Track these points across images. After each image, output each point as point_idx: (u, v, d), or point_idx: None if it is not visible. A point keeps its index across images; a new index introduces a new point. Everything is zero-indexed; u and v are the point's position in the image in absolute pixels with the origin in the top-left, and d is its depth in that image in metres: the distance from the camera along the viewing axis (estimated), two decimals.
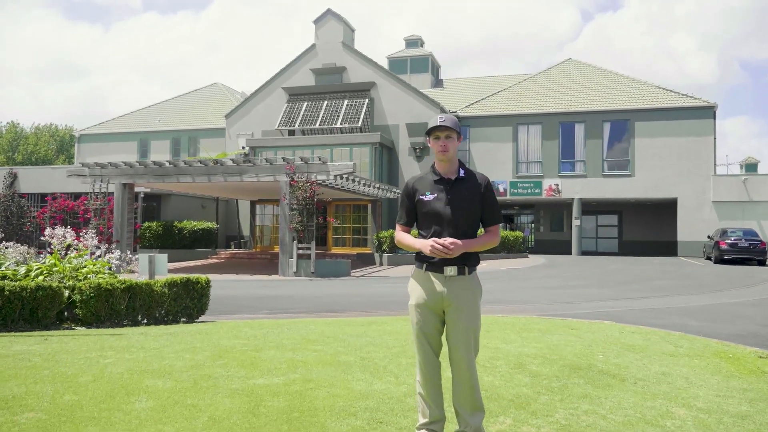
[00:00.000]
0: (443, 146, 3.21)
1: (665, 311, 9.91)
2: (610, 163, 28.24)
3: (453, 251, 3.02)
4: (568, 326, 7.51)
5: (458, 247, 3.04)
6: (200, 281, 8.16)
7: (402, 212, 3.33)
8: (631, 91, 29.11)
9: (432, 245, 3.03)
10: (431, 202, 3.17)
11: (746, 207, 26.41)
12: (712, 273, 18.42)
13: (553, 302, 10.98)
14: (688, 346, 6.42)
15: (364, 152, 25.83)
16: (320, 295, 12.74)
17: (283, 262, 18.29)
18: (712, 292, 13.18)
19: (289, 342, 5.91)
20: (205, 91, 39.97)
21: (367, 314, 9.19)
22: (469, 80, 38.53)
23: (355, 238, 26.32)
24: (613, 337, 6.82)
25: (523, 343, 6.15)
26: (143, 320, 7.85)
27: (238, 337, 6.23)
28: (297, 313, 9.60)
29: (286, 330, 6.80)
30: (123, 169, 20.25)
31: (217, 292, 12.66)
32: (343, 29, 29.03)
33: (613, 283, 15.06)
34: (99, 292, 7.46)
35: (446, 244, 3.01)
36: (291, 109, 29.02)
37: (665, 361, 5.68)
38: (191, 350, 5.40)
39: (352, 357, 5.23)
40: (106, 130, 37.19)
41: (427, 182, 3.25)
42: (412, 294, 3.25)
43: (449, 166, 3.25)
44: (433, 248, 3.02)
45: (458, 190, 3.18)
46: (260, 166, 18.55)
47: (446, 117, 3.24)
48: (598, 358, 5.66)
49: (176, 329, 6.93)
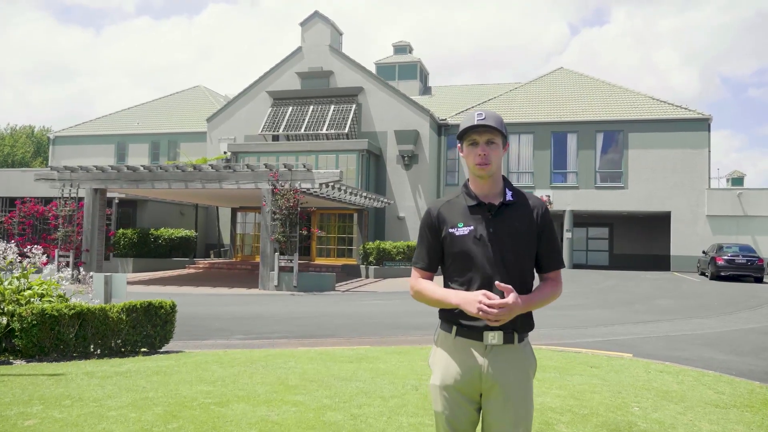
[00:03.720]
0: (483, 157, 2.21)
1: (681, 339, 9.03)
2: (602, 175, 27.54)
3: (508, 316, 2.07)
4: (587, 363, 6.58)
5: (518, 308, 2.08)
6: (164, 306, 7.10)
7: (422, 251, 2.33)
8: (625, 102, 28.48)
9: (481, 307, 2.05)
10: (466, 239, 2.19)
11: (741, 221, 25.83)
12: (713, 291, 17.67)
13: (558, 327, 10.07)
14: (730, 393, 5.51)
15: (350, 159, 24.83)
16: (303, 314, 11.70)
17: (263, 274, 17.20)
18: (720, 314, 12.37)
19: (263, 389, 4.89)
20: (187, 93, 38.67)
21: (355, 342, 8.18)
22: (458, 88, 37.73)
23: (340, 249, 25.27)
24: (641, 379, 5.90)
25: (543, 390, 5.20)
26: (96, 351, 6.77)
27: (202, 380, 5.19)
28: (276, 339, 8.56)
29: (261, 368, 5.77)
30: (95, 174, 19.06)
31: (190, 309, 11.59)
32: (330, 32, 28.07)
33: (615, 303, 14.20)
34: (43, 319, 6.39)
35: (505, 305, 2.04)
36: (275, 113, 27.96)
37: (712, 415, 4.76)
38: (141, 404, 4.36)
39: (340, 415, 4.22)
40: (82, 132, 35.72)
41: (458, 209, 2.26)
42: (435, 369, 2.27)
43: (491, 185, 2.27)
44: (483, 311, 2.05)
45: (505, 220, 2.21)
46: (241, 173, 17.49)
47: (487, 113, 2.23)
48: (635, 412, 4.72)
49: (131, 366, 5.87)
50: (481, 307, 2.04)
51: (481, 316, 2.06)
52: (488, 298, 2.05)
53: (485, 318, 2.05)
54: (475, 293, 2.09)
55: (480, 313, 2.05)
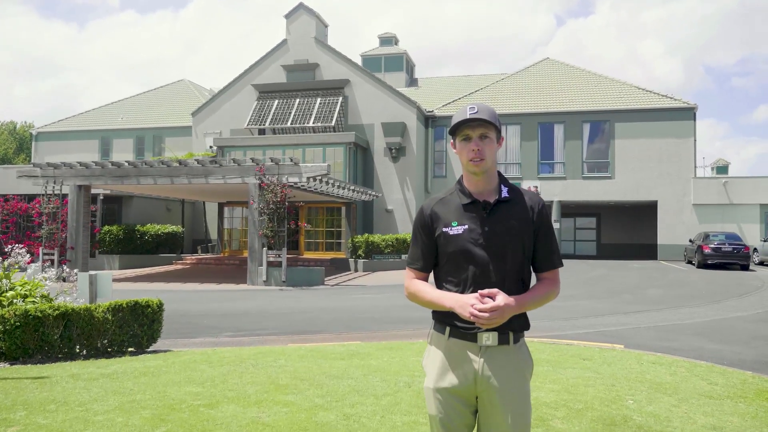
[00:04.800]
0: (476, 152, 2.12)
1: (672, 329, 9.06)
2: (590, 165, 27.61)
3: (500, 318, 1.99)
4: (579, 355, 6.55)
5: (510, 309, 2.01)
6: (151, 305, 6.97)
7: (415, 252, 2.25)
8: (611, 92, 28.54)
9: (473, 311, 1.98)
10: (460, 238, 2.11)
11: (726, 210, 26.03)
12: (700, 279, 17.79)
13: (547, 318, 10.06)
14: (723, 383, 5.51)
15: (338, 152, 24.66)
16: (292, 310, 11.60)
17: (252, 270, 17.05)
18: (709, 303, 12.44)
19: (254, 389, 4.80)
20: (171, 87, 38.19)
21: (346, 338, 8.10)
22: (445, 80, 37.61)
23: (328, 243, 25.14)
24: (634, 371, 5.88)
25: (537, 384, 5.16)
26: (81, 352, 6.64)
27: (190, 381, 5.09)
28: (266, 335, 8.46)
29: (251, 367, 5.68)
30: (78, 170, 18.77)
31: (178, 306, 11.45)
32: (315, 24, 27.79)
33: (603, 293, 14.25)
34: (26, 320, 6.25)
35: (497, 307, 1.98)
36: (261, 107, 27.69)
37: (707, 406, 4.74)
38: (128, 406, 4.26)
39: (332, 415, 4.15)
40: (66, 127, 35.19)
41: (452, 207, 2.18)
42: (429, 371, 2.20)
43: (486, 181, 2.18)
44: (475, 316, 1.99)
45: (501, 218, 2.13)
46: (227, 167, 17.30)
47: (479, 107, 2.13)
48: (630, 405, 4.70)
49: (117, 367, 5.75)
50: (473, 311, 1.98)
51: (474, 321, 2.00)
52: (481, 301, 1.99)
53: (478, 322, 2.00)
54: (469, 296, 2.03)
55: (472, 317, 1.99)
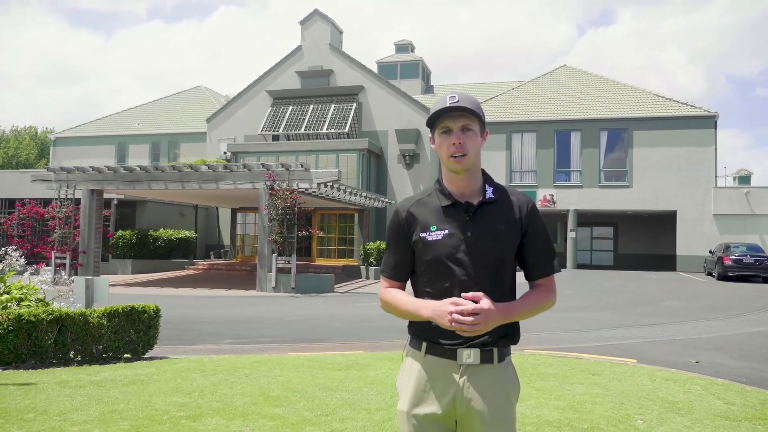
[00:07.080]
0: (458, 146, 1.88)
1: (689, 344, 8.70)
2: (607, 174, 27.14)
3: (486, 324, 1.76)
4: (589, 370, 6.26)
5: (492, 316, 1.76)
6: (147, 310, 6.82)
7: (389, 259, 2.01)
8: (629, 99, 28.06)
9: (453, 317, 1.74)
10: (440, 244, 1.87)
11: (748, 221, 25.39)
12: (721, 292, 17.28)
13: (559, 330, 9.74)
14: (741, 403, 5.18)
15: (351, 159, 24.52)
16: (298, 317, 11.41)
17: (261, 276, 16.92)
18: (729, 317, 12.01)
19: (242, 401, 4.60)
20: (187, 93, 38.45)
21: (347, 347, 7.88)
22: (461, 87, 37.42)
23: (341, 249, 24.97)
24: (645, 388, 5.57)
25: (540, 401, 4.89)
26: (76, 357, 6.50)
27: (178, 391, 4.90)
28: (266, 343, 8.27)
29: (244, 377, 5.48)
30: (91, 174, 18.83)
31: (183, 312, 11.34)
32: (330, 30, 27.78)
33: (619, 305, 13.86)
34: (19, 324, 6.13)
35: (480, 310, 1.73)
36: (275, 113, 27.69)
37: (722, 428, 4.43)
38: (107, 417, 4.07)
39: (320, 430, 3.92)
40: (83, 133, 35.56)
41: (431, 209, 1.93)
42: (403, 392, 1.94)
43: (469, 181, 1.94)
44: (455, 321, 1.74)
45: (486, 221, 1.89)
46: (238, 173, 17.23)
47: (460, 95, 1.89)
48: (639, 425, 4.41)
49: (108, 374, 5.59)
50: (453, 317, 1.73)
51: (455, 328, 1.75)
52: (457, 304, 1.75)
53: (460, 331, 1.75)
54: (446, 303, 1.78)
55: (453, 325, 1.74)
